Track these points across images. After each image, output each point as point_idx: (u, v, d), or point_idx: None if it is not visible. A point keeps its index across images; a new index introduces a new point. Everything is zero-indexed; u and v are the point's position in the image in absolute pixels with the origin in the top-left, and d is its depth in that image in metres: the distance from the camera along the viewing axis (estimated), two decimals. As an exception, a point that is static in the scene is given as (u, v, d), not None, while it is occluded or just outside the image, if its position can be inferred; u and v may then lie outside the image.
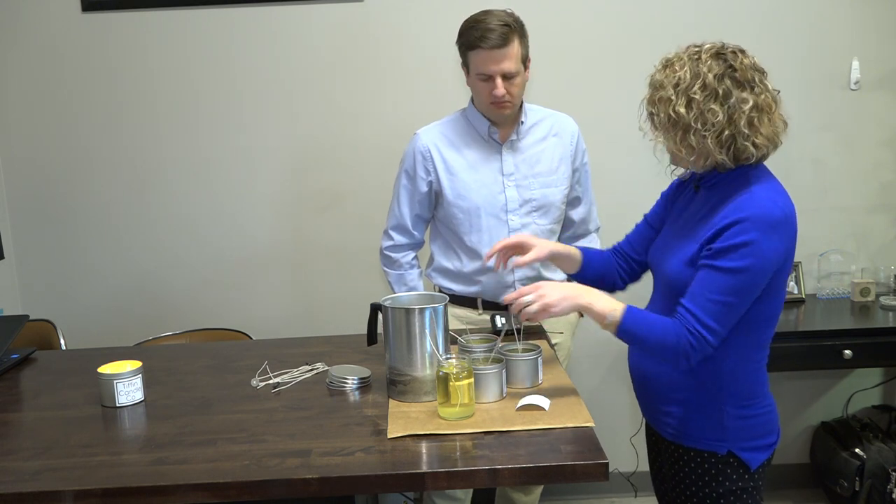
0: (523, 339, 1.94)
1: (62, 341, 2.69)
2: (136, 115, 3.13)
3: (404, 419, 1.72)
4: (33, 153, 3.15)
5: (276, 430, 1.73)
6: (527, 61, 2.29)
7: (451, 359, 1.73)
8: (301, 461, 1.57)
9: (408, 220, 2.46)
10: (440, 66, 2.99)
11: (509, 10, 2.27)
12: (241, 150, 3.15)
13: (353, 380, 1.94)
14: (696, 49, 1.63)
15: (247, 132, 3.14)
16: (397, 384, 1.82)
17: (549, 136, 2.41)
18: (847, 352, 2.74)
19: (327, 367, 2.05)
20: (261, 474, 1.52)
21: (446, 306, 1.84)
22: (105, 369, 1.91)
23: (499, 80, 2.23)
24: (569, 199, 2.46)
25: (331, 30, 3.07)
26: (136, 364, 1.93)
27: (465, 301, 2.45)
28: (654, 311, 1.73)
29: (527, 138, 2.39)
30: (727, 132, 1.58)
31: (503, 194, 2.36)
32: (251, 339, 2.70)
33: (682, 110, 1.58)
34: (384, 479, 1.53)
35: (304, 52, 3.09)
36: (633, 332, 1.66)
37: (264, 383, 2.01)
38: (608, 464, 1.52)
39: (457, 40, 2.30)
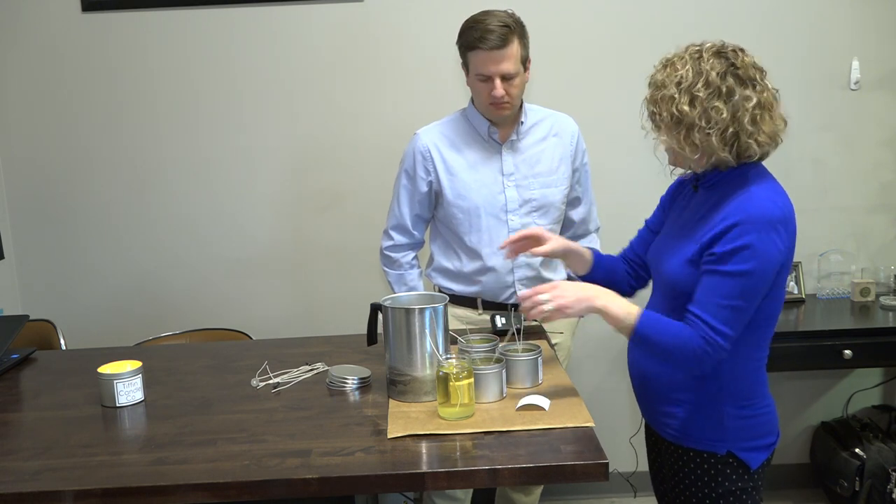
0: (523, 339, 1.94)
1: (62, 341, 2.69)
2: (136, 115, 3.13)
3: (404, 419, 1.72)
4: (33, 153, 3.15)
5: (276, 430, 1.73)
6: (527, 62, 2.29)
7: (451, 359, 1.73)
8: (301, 461, 1.57)
9: (408, 220, 2.46)
10: (440, 66, 2.99)
11: (510, 11, 2.27)
12: (241, 150, 3.15)
13: (353, 380, 1.94)
14: (696, 48, 1.63)
15: (247, 132, 3.14)
16: (397, 384, 1.82)
17: (549, 136, 2.41)
18: (847, 352, 2.74)
19: (327, 367, 2.05)
20: (261, 474, 1.53)
21: (446, 306, 1.84)
22: (105, 369, 1.91)
23: (497, 81, 2.23)
24: (569, 199, 2.46)
25: (331, 30, 3.07)
26: (136, 364, 1.93)
27: (465, 301, 2.45)
28: (654, 311, 1.73)
29: (527, 138, 2.39)
30: (731, 129, 1.58)
31: (503, 194, 2.36)
32: (251, 339, 2.70)
33: (685, 108, 1.58)
34: (384, 479, 1.53)
35: (304, 52, 3.09)
36: (648, 336, 1.66)
37: (264, 383, 2.01)
38: (608, 464, 1.52)
39: (457, 40, 2.30)
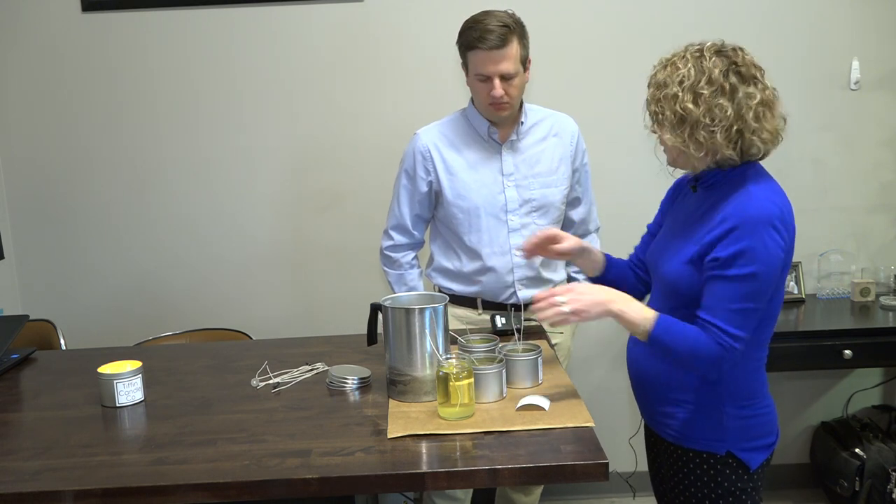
0: (523, 339, 1.94)
1: (62, 341, 2.69)
2: (136, 115, 3.13)
3: (404, 419, 1.72)
4: (33, 153, 3.15)
5: (276, 430, 1.73)
6: (527, 62, 2.29)
7: (451, 359, 1.73)
8: (301, 461, 1.57)
9: (408, 220, 2.46)
10: (440, 66, 2.99)
11: (510, 11, 2.27)
12: (241, 150, 3.15)
13: (353, 380, 1.94)
14: (696, 47, 1.63)
15: (247, 132, 3.14)
16: (397, 384, 1.82)
17: (549, 136, 2.41)
18: (847, 352, 2.74)
19: (327, 367, 2.05)
20: (261, 474, 1.53)
21: (446, 306, 1.84)
22: (105, 369, 1.91)
23: (497, 81, 2.23)
24: (569, 199, 2.46)
25: (331, 30, 3.07)
26: (136, 364, 1.93)
27: (465, 301, 2.45)
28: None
29: (527, 138, 2.39)
30: (735, 127, 1.58)
31: (503, 194, 2.36)
32: (251, 339, 2.70)
33: (689, 106, 1.58)
34: (384, 479, 1.53)
35: (304, 52, 3.08)
36: (664, 341, 1.65)
37: (264, 383, 2.01)
38: (608, 464, 1.52)
39: (456, 40, 2.30)
